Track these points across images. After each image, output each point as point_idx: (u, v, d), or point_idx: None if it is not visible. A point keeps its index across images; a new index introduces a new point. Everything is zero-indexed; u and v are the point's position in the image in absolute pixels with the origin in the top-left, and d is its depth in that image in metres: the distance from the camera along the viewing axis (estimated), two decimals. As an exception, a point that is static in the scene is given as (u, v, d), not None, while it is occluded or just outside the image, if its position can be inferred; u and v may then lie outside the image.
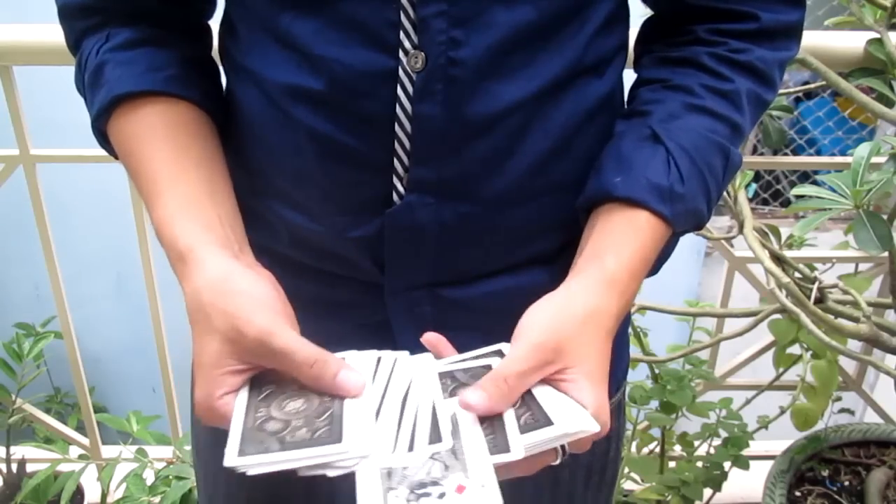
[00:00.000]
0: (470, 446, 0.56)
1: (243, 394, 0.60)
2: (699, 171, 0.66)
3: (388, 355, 0.63)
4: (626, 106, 0.74)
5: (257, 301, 0.60)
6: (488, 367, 0.62)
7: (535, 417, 0.57)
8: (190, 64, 0.70)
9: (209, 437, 0.86)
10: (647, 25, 0.75)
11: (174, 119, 0.67)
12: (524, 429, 0.57)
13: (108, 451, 1.69)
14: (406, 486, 0.53)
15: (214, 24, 0.75)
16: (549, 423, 0.56)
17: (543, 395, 0.59)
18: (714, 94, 0.68)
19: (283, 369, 0.59)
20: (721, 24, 0.69)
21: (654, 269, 0.71)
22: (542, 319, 0.60)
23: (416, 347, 0.71)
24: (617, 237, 0.64)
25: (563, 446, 0.58)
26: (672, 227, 0.66)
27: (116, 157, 0.72)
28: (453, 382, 0.61)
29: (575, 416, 0.57)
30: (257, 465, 0.55)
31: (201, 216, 0.64)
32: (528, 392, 0.59)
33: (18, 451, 1.69)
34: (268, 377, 0.61)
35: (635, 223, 0.64)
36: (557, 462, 0.58)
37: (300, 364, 0.58)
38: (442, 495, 0.53)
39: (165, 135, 0.67)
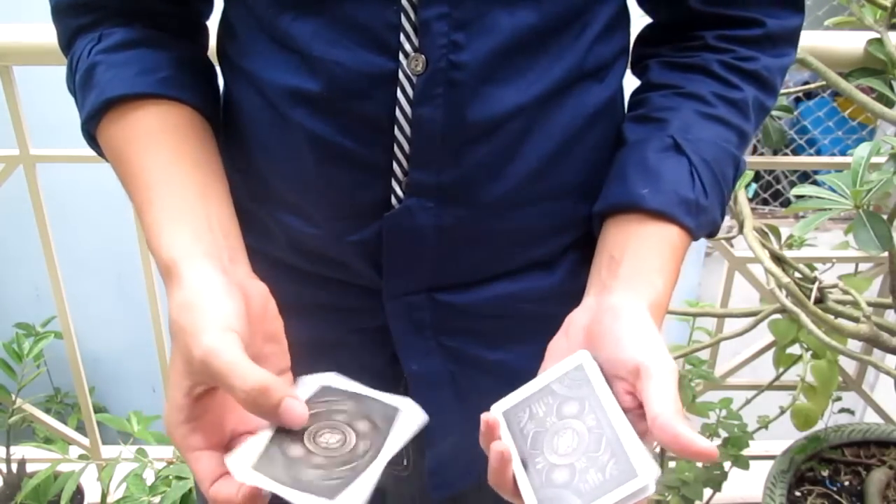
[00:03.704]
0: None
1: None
2: (717, 182, 0.67)
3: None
4: (626, 110, 0.74)
5: (214, 318, 0.55)
6: (580, 369, 0.57)
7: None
8: (184, 65, 0.68)
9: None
10: (649, 28, 0.75)
11: (167, 122, 0.65)
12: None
13: (108, 451, 1.69)
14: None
15: (212, 24, 0.74)
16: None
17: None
18: (725, 102, 0.68)
19: (228, 392, 0.54)
20: (728, 31, 0.70)
21: None
22: (650, 338, 0.57)
23: (415, 352, 0.71)
24: (657, 255, 0.64)
25: None
26: (692, 238, 0.66)
27: (106, 159, 0.70)
28: (555, 399, 0.57)
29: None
30: None
31: (191, 224, 0.61)
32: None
33: (18, 451, 1.69)
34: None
35: (668, 238, 0.64)
36: None
37: (236, 387, 0.52)
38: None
39: (158, 139, 0.64)
